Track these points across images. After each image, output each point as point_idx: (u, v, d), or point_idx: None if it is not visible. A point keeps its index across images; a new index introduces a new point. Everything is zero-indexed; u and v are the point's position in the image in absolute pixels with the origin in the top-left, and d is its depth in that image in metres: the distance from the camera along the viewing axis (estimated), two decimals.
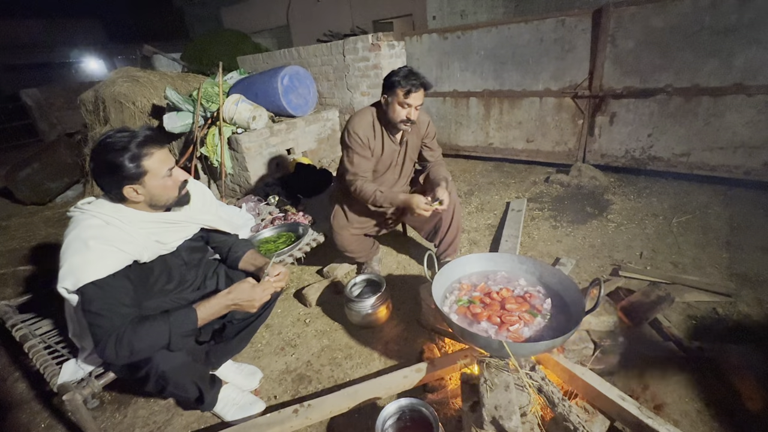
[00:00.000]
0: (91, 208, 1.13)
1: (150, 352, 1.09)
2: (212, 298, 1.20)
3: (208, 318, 1.18)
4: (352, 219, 2.04)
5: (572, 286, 1.34)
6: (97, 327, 1.04)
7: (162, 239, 1.23)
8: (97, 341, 1.04)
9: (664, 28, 2.82)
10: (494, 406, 1.06)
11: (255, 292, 1.23)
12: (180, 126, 3.59)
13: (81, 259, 1.04)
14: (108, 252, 1.07)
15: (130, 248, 1.11)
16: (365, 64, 4.22)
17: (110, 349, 1.03)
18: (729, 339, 1.57)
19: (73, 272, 1.04)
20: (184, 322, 1.13)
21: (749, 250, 2.16)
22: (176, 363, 1.14)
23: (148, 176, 1.11)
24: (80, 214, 1.13)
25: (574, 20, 3.17)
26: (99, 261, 1.05)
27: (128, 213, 1.15)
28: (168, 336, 1.09)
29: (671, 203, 2.81)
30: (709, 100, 2.83)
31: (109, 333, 1.03)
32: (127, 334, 1.04)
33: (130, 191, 1.11)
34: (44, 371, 1.33)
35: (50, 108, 8.53)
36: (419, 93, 1.72)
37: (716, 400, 1.34)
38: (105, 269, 1.05)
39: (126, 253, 1.10)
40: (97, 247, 1.05)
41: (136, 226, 1.15)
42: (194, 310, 1.15)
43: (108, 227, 1.10)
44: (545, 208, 2.97)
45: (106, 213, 1.12)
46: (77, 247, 1.06)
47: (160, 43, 10.32)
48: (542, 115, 3.63)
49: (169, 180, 1.16)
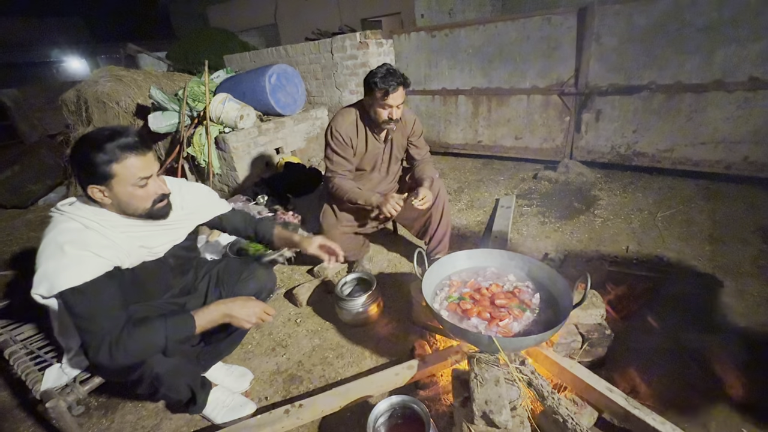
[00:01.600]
0: (71, 211, 1.08)
1: (145, 356, 1.06)
2: (211, 307, 1.17)
3: (205, 325, 1.15)
4: (342, 217, 2.03)
5: (560, 281, 1.36)
6: (87, 332, 1.01)
7: (147, 244, 1.18)
8: (88, 346, 1.01)
9: (647, 26, 2.87)
10: (484, 401, 1.07)
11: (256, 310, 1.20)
12: (166, 126, 3.53)
13: (55, 265, 1.00)
14: (84, 258, 1.01)
15: (109, 254, 1.06)
16: (354, 62, 4.21)
17: (104, 354, 0.99)
18: (712, 329, 1.60)
19: (47, 278, 1.00)
20: (181, 328, 1.10)
21: (731, 243, 2.21)
22: (171, 365, 1.12)
23: (115, 180, 1.04)
24: (59, 216, 1.09)
25: (559, 18, 3.21)
26: (74, 267, 1.00)
27: (109, 216, 1.10)
28: (164, 342, 1.06)
29: (656, 198, 2.87)
30: (691, 97, 2.89)
31: (102, 337, 1.00)
32: (123, 338, 1.01)
33: (95, 191, 1.05)
34: (26, 378, 1.30)
35: (30, 109, 8.28)
36: (398, 92, 1.71)
37: (700, 389, 1.37)
38: (80, 276, 1.00)
39: (104, 259, 1.05)
40: (72, 253, 1.00)
41: (118, 230, 1.10)
42: (192, 317, 1.12)
43: (86, 231, 1.06)
44: (534, 204, 3.00)
45: (85, 216, 1.07)
46: (52, 252, 1.01)
47: (145, 42, 10.14)
48: (530, 112, 3.66)
49: (140, 190, 1.07)
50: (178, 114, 3.54)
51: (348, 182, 1.87)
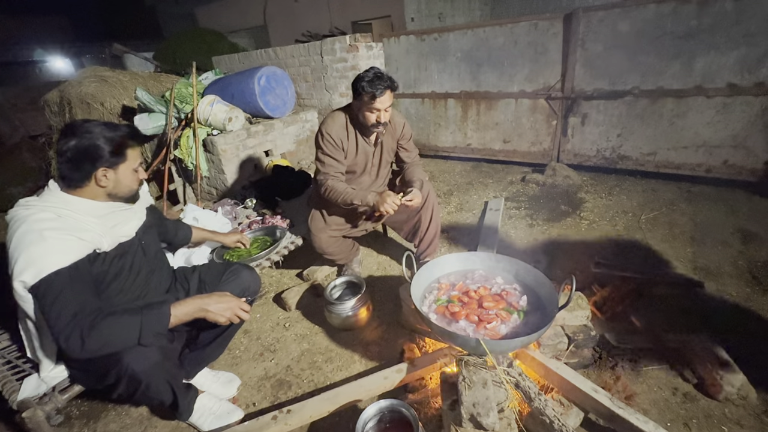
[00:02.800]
0: (37, 203, 1.09)
1: (119, 345, 1.04)
2: (187, 300, 1.19)
3: (182, 317, 1.15)
4: (330, 221, 2.02)
5: (546, 283, 1.37)
6: (60, 318, 0.98)
7: (119, 225, 1.22)
8: (59, 332, 0.98)
9: (630, 33, 2.94)
10: (472, 404, 1.08)
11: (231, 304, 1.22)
12: (152, 128, 3.48)
13: (40, 249, 1.00)
14: (68, 240, 1.04)
15: (89, 236, 1.09)
16: (343, 65, 4.21)
17: (75, 341, 0.97)
18: (694, 329, 1.64)
19: (33, 263, 0.99)
20: (156, 316, 1.10)
21: (711, 244, 2.27)
22: (148, 363, 1.09)
23: (125, 164, 1.16)
24: (24, 211, 1.07)
25: (546, 24, 3.26)
26: (60, 249, 1.02)
27: (79, 204, 1.12)
28: (139, 329, 1.05)
29: (640, 200, 2.93)
30: (673, 102, 2.97)
31: (75, 323, 0.98)
32: (96, 325, 0.99)
33: (101, 175, 1.12)
34: (2, 388, 1.26)
35: (12, 109, 8.04)
36: (385, 96, 1.72)
37: (682, 388, 1.41)
38: (68, 257, 1.02)
39: (85, 242, 1.08)
40: (55, 236, 1.02)
41: (91, 215, 1.13)
42: (167, 305, 1.13)
43: (61, 219, 1.07)
44: (522, 207, 3.03)
45: (55, 205, 1.09)
46: (32, 239, 1.01)
47: (132, 42, 9.97)
48: (518, 116, 3.71)
49: (135, 174, 1.22)
50: (165, 116, 3.48)
51: (341, 183, 1.87)
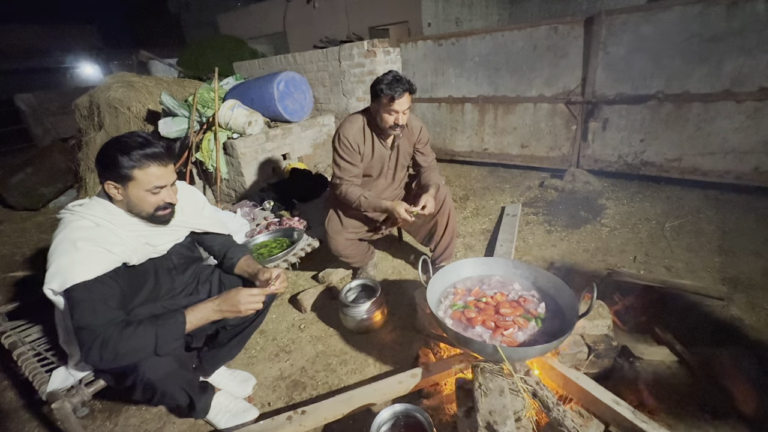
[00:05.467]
0: (82, 210, 1.13)
1: (136, 357, 1.05)
2: (201, 303, 1.19)
3: (197, 323, 1.16)
4: (347, 224, 2.04)
5: (566, 291, 1.34)
6: (83, 330, 1.02)
7: (152, 242, 1.23)
8: (82, 344, 1.02)
9: (654, 36, 2.87)
10: (489, 411, 1.06)
11: (241, 300, 1.19)
12: (175, 131, 3.59)
13: (69, 260, 1.04)
14: (97, 253, 1.07)
15: (119, 250, 1.12)
16: (361, 70, 4.25)
17: (95, 353, 1.01)
18: (722, 343, 1.58)
19: (60, 273, 1.03)
20: (172, 326, 1.11)
21: (741, 255, 2.18)
22: (163, 372, 1.11)
23: (133, 183, 1.11)
24: (70, 215, 1.13)
25: (566, 28, 3.22)
26: (87, 262, 1.05)
27: (119, 215, 1.15)
28: (155, 340, 1.06)
29: (664, 208, 2.84)
30: (699, 107, 2.87)
31: (95, 336, 1.01)
32: (113, 338, 1.01)
33: (110, 187, 1.12)
34: (33, 379, 1.31)
35: (44, 113, 8.48)
36: (404, 98, 1.73)
37: (710, 404, 1.35)
38: (93, 270, 1.05)
39: (115, 255, 1.10)
40: (85, 248, 1.05)
41: (126, 228, 1.16)
42: (183, 313, 1.14)
43: (98, 229, 1.11)
44: (540, 212, 2.98)
45: (96, 215, 1.12)
46: (65, 248, 1.05)
47: (157, 49, 10.33)
48: (536, 120, 3.66)
49: (151, 196, 1.14)
50: (187, 120, 3.59)
51: (356, 188, 1.89)
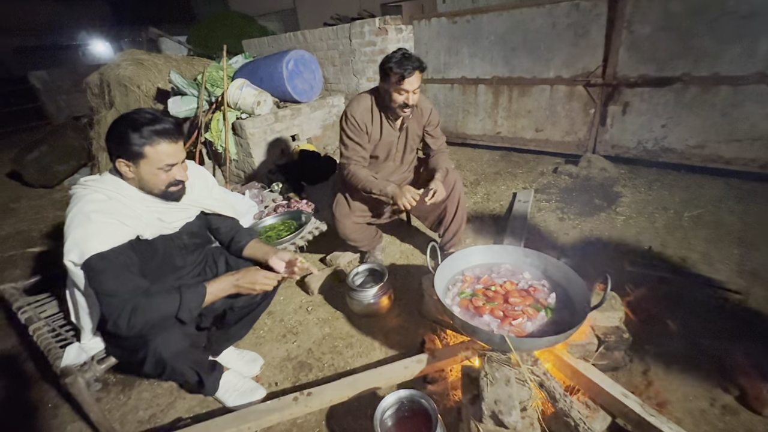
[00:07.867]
0: (94, 184, 1.15)
1: (161, 322, 1.11)
2: (222, 276, 1.25)
3: (217, 293, 1.21)
4: (355, 207, 2.01)
5: (577, 281, 1.31)
6: (110, 297, 1.05)
7: (164, 218, 1.25)
8: (110, 313, 1.05)
9: (683, 13, 2.70)
10: (494, 401, 1.05)
11: (258, 279, 1.25)
12: (184, 110, 3.57)
13: (84, 232, 1.05)
14: (111, 225, 1.08)
15: (132, 222, 1.13)
16: (372, 48, 4.13)
17: (123, 320, 1.04)
18: (736, 337, 1.53)
19: (77, 245, 1.05)
20: (194, 294, 1.16)
21: (762, 247, 2.10)
22: (174, 349, 1.15)
23: (144, 161, 1.11)
24: (82, 190, 1.14)
25: (589, 4, 3.04)
26: (102, 233, 1.06)
27: (130, 190, 1.17)
28: (178, 306, 1.12)
29: (683, 197, 2.74)
30: (727, 90, 2.72)
31: (123, 304, 1.04)
32: (141, 305, 1.06)
33: (122, 164, 1.12)
34: (48, 354, 1.35)
35: (58, 91, 8.53)
36: (414, 77, 1.67)
37: (721, 400, 1.32)
38: (109, 241, 1.07)
39: (129, 227, 1.12)
40: (100, 220, 1.07)
41: (139, 203, 1.17)
42: (204, 286, 1.19)
43: (110, 201, 1.12)
44: (552, 199, 2.91)
45: (108, 188, 1.14)
46: (80, 221, 1.07)
47: (167, 26, 10.22)
48: (552, 103, 3.53)
49: (163, 174, 1.15)
50: (196, 99, 3.56)
51: (363, 170, 1.85)
